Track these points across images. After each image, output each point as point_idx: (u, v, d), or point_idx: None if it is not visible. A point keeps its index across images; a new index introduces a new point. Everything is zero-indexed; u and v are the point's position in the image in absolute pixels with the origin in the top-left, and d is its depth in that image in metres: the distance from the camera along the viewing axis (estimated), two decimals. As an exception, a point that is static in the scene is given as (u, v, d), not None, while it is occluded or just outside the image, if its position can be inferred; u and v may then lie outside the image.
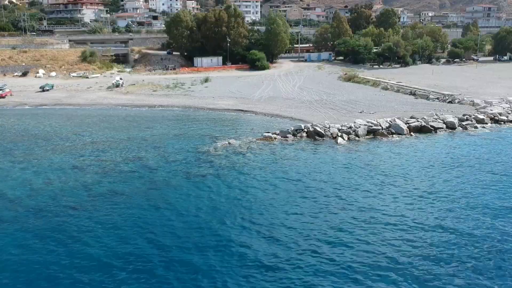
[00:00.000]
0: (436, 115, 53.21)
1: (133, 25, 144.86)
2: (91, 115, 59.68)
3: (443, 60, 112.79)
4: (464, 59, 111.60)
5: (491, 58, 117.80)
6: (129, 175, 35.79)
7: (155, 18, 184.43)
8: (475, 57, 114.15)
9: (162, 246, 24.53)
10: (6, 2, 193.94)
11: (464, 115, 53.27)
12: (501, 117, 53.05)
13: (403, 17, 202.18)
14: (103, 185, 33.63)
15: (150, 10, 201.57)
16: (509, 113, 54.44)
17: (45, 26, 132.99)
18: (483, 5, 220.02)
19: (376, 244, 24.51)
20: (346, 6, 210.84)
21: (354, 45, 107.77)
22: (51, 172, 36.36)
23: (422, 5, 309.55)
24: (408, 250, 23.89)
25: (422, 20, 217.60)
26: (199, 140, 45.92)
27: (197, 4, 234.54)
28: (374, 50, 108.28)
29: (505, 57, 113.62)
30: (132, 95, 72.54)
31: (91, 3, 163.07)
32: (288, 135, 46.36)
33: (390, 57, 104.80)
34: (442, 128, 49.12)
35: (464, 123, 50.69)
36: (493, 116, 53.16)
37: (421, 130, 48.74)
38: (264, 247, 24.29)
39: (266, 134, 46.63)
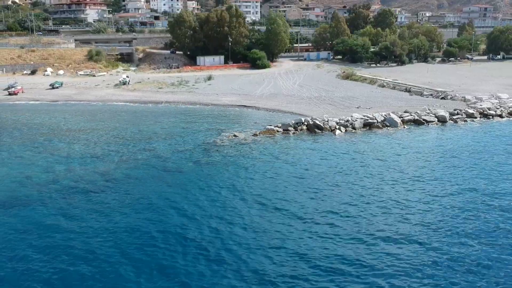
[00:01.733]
0: (429, 109, 56.47)
1: (136, 25, 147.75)
2: (102, 111, 62.81)
3: (438, 59, 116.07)
4: (458, 58, 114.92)
5: (485, 57, 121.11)
6: (143, 162, 38.90)
7: (156, 18, 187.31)
8: (469, 56, 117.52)
9: (175, 220, 27.63)
10: (10, 3, 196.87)
11: (455, 109, 56.51)
12: (490, 111, 56.27)
13: (401, 17, 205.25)
14: (119, 171, 36.71)
15: (152, 10, 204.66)
16: (497, 108, 57.67)
17: (50, 26, 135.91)
18: (479, 5, 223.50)
19: (367, 216, 27.68)
20: (344, 7, 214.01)
21: (352, 44, 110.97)
22: (71, 160, 39.47)
23: (420, 5, 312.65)
24: (395, 223, 27.06)
25: (420, 20, 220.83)
26: (206, 133, 49.06)
27: (197, 4, 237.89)
28: (372, 49, 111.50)
29: (499, 56, 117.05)
30: (139, 92, 75.63)
31: (94, 4, 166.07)
32: (289, 128, 49.50)
33: (387, 56, 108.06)
34: (433, 121, 52.38)
35: (454, 117, 53.96)
36: (482, 111, 56.39)
37: (414, 123, 51.99)
38: (268, 218, 27.42)
39: (269, 127, 49.78)
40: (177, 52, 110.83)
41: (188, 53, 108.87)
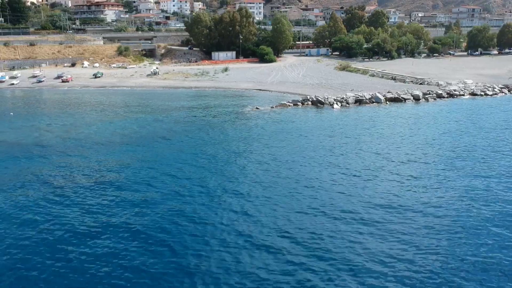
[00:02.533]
0: (407, 91, 71.52)
1: (154, 24, 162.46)
2: (145, 93, 77.66)
3: (424, 55, 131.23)
4: (442, 54, 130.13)
5: (466, 53, 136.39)
6: (189, 124, 53.71)
7: (167, 18, 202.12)
8: (451, 52, 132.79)
9: (216, 169, 42.42)
10: (29, 4, 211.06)
11: (428, 91, 71.60)
12: (455, 92, 71.46)
13: (394, 17, 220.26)
14: (179, 126, 51.54)
15: (162, 11, 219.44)
16: (462, 90, 72.80)
17: (77, 25, 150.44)
18: (467, 6, 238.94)
19: (353, 167, 42.61)
20: (341, 8, 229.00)
21: (348, 41, 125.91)
22: (135, 124, 54.14)
23: (416, 5, 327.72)
24: (370, 173, 41.94)
25: (413, 20, 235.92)
26: (233, 107, 63.95)
27: (203, 5, 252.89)
28: (365, 46, 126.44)
29: (477, 52, 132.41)
30: (169, 80, 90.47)
31: (112, 5, 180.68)
32: (298, 103, 64.52)
33: (379, 51, 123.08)
34: (409, 99, 67.47)
35: (426, 96, 69.01)
36: (449, 92, 71.55)
37: (394, 100, 67.01)
38: (281, 166, 42.31)
39: (282, 102, 64.80)
40: (194, 48, 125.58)
41: (204, 49, 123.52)
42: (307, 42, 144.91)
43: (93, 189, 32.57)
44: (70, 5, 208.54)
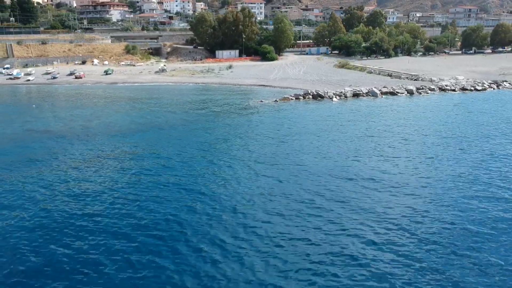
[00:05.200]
0: (402, 86, 76.27)
1: (158, 24, 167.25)
2: (155, 88, 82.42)
3: (420, 53, 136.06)
4: (437, 52, 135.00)
5: (460, 51, 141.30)
6: (201, 114, 58.40)
7: (170, 18, 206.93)
8: (446, 51, 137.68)
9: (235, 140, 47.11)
10: (35, 4, 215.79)
11: (421, 85, 76.38)
12: (447, 87, 76.22)
13: (393, 17, 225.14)
14: (187, 118, 56.21)
15: (165, 11, 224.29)
16: (453, 85, 77.59)
17: (84, 25, 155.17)
18: (464, 6, 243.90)
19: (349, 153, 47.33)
20: (341, 8, 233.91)
21: (347, 40, 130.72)
22: (150, 115, 58.86)
23: (415, 6, 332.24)
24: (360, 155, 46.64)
25: (411, 20, 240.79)
26: (239, 100, 68.69)
27: (205, 6, 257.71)
28: (363, 45, 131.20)
29: (471, 51, 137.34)
30: (177, 77, 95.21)
31: (117, 5, 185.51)
32: (299, 96, 69.25)
33: (376, 50, 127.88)
34: (403, 93, 72.23)
35: (420, 90, 73.78)
36: (441, 87, 76.33)
37: (390, 94, 71.76)
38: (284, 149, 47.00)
39: (285, 96, 69.56)
40: (198, 47, 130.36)
41: (208, 48, 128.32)
42: (308, 41, 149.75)
43: (118, 167, 37.24)
44: (74, 5, 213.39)
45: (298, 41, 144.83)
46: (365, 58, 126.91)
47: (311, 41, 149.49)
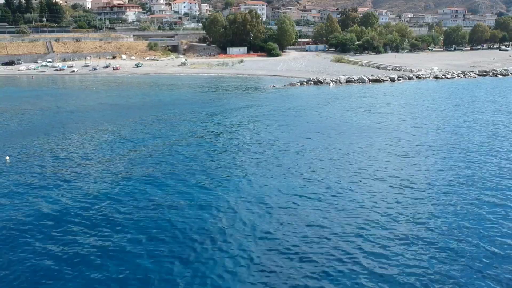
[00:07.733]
0: (386, 74, 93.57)
1: (173, 24, 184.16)
2: (181, 78, 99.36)
3: (406, 50, 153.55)
4: (422, 49, 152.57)
5: (442, 48, 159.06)
6: (225, 95, 75.39)
7: (180, 18, 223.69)
8: (430, 48, 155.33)
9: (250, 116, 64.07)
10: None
11: (402, 74, 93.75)
12: (423, 76, 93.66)
13: (385, 18, 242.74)
14: (214, 98, 73.20)
15: (174, 12, 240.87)
16: (428, 74, 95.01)
17: (107, 25, 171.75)
18: (452, 8, 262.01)
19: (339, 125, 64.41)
20: (337, 9, 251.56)
21: (342, 39, 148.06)
22: (185, 95, 75.80)
23: (408, 6, 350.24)
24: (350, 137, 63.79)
25: (402, 20, 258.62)
26: (255, 86, 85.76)
27: (209, 7, 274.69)
28: (357, 43, 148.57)
29: (451, 48, 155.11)
30: (197, 69, 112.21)
31: (132, 7, 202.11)
32: (303, 82, 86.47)
33: (368, 47, 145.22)
34: (387, 80, 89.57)
35: (400, 78, 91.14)
36: (418, 75, 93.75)
37: (376, 81, 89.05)
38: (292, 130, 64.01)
39: (292, 82, 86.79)
40: (211, 44, 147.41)
41: (220, 45, 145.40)
42: (307, 39, 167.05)
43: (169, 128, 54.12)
44: (89, 6, 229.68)
45: (298, 39, 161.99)
46: (358, 54, 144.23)
47: (310, 39, 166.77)
